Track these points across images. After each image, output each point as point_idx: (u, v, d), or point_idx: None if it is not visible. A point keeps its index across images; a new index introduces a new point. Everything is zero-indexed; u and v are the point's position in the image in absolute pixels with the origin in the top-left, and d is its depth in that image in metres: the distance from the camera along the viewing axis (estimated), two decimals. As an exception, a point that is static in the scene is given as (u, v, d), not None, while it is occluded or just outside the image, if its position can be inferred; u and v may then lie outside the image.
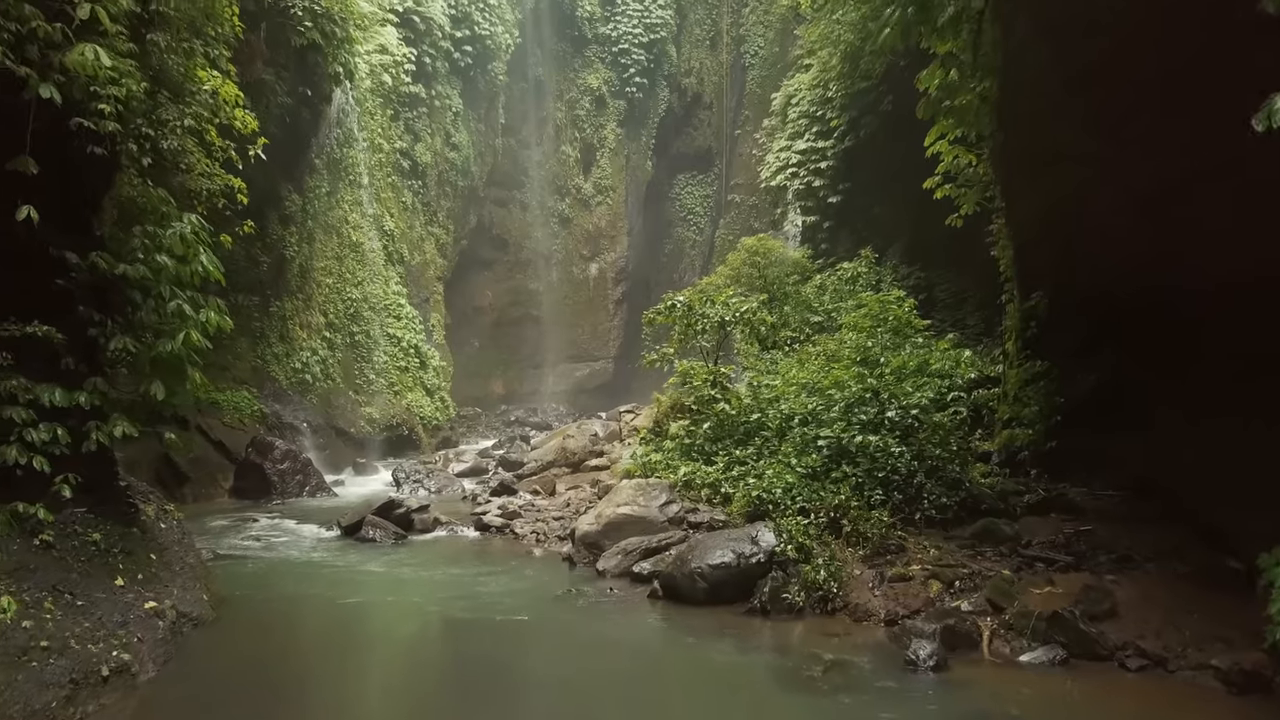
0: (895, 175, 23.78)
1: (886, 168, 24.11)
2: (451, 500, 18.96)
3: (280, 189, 21.47)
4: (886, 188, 24.51)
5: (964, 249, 21.73)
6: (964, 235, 21.89)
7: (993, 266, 21.37)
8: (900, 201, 24.35)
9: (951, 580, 9.11)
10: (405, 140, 29.37)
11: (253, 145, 12.67)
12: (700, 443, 13.81)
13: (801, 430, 12.10)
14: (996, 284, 21.03)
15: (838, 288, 20.35)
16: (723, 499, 12.66)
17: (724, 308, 15.05)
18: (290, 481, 19.52)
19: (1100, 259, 10.86)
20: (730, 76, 45.57)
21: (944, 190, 14.01)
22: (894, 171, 23.79)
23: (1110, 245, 10.46)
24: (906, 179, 23.56)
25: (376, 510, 14.82)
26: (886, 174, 24.25)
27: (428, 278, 30.85)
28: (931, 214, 22.99)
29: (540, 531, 14.19)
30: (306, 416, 22.88)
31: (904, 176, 23.53)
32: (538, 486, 17.66)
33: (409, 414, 26.35)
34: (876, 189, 24.90)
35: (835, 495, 10.51)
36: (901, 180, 23.65)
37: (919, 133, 22.69)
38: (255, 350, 22.01)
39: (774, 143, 28.12)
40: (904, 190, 23.77)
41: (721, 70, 45.49)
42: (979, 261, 21.54)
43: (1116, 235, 10.12)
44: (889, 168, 24.02)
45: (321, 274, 24.53)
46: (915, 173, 23.20)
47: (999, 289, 20.89)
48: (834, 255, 24.40)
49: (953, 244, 22.06)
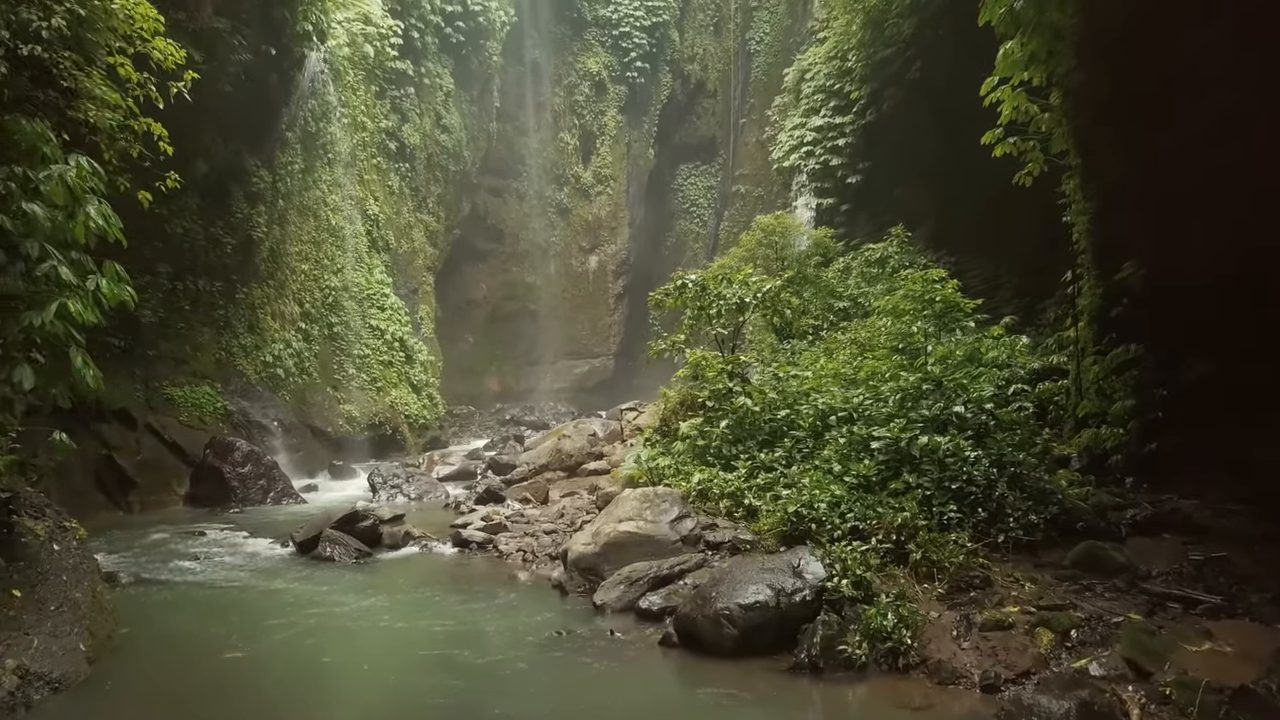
0: (921, 153, 21.39)
1: (911, 144, 21.71)
2: (432, 508, 16.56)
3: (245, 162, 19.06)
4: (911, 167, 22.10)
5: (996, 232, 19.37)
6: (995, 217, 19.55)
7: (1029, 249, 19.05)
8: (925, 181, 21.95)
9: (1066, 629, 6.70)
10: (391, 120, 26.97)
11: (178, 84, 10.21)
12: (717, 444, 11.42)
13: (845, 430, 9.69)
14: (1034, 268, 18.68)
15: (864, 271, 17.95)
16: (746, 513, 10.27)
17: (744, 288, 12.66)
18: (252, 487, 17.12)
19: (1229, 214, 8.47)
20: (735, 63, 43.19)
21: (1006, 146, 11.61)
22: (919, 148, 21.40)
23: (1253, 196, 8.06)
24: (933, 156, 21.23)
25: (337, 523, 12.41)
26: (911, 151, 21.85)
27: (416, 267, 28.44)
28: (960, 195, 20.65)
29: (528, 549, 11.78)
30: (278, 414, 20.47)
31: (931, 154, 21.20)
32: (528, 494, 15.26)
33: (393, 412, 23.94)
34: (899, 168, 22.49)
35: (897, 512, 8.11)
36: (928, 158, 21.32)
37: (949, 102, 20.43)
38: (219, 341, 19.61)
39: (786, 121, 25.72)
40: (930, 169, 21.43)
41: (726, 57, 43.10)
42: (1014, 245, 19.18)
43: (1270, 182, 7.72)
44: (914, 144, 21.62)
45: (296, 259, 22.12)
46: (944, 148, 20.91)
47: (1038, 274, 18.53)
48: (853, 240, 22.01)
49: (984, 227, 19.71)
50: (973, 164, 19.98)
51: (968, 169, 20.07)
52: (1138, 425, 9.79)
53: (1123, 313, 10.38)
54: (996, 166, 18.92)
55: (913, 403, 9.40)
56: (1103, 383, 10.46)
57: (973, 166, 19.88)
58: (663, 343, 13.29)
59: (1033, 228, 18.78)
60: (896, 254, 17.33)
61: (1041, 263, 18.46)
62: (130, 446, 16.68)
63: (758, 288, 12.57)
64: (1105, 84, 9.92)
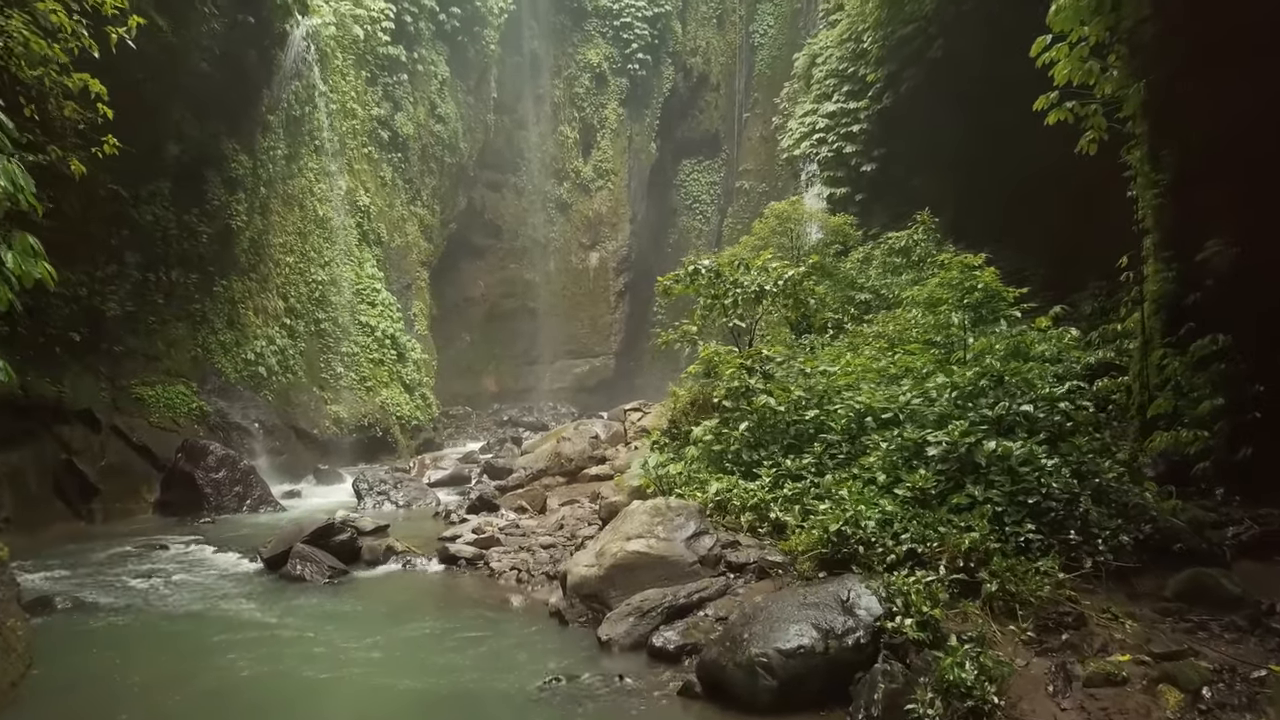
0: (940, 139, 19.97)
1: (930, 130, 20.28)
2: (421, 517, 15.12)
3: (223, 146, 17.61)
4: (929, 153, 20.69)
5: (1020, 222, 17.98)
6: (1019, 206, 18.17)
7: (1057, 239, 17.64)
8: (945, 169, 20.54)
9: (1196, 686, 5.26)
10: (384, 108, 25.52)
11: (119, 29, 8.72)
12: (736, 449, 9.97)
13: (890, 434, 8.25)
14: (1063, 260, 17.29)
15: (886, 261, 16.49)
16: (772, 528, 8.84)
17: (763, 275, 11.21)
18: (227, 493, 15.67)
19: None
20: (738, 56, 41.79)
21: (1060, 112, 10.18)
22: (939, 134, 19.97)
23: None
24: (953, 142, 19.82)
25: (309, 536, 10.95)
26: (930, 137, 20.43)
27: (410, 262, 26.98)
28: (983, 183, 19.20)
29: (523, 567, 10.33)
30: (259, 415, 19.01)
31: (951, 140, 19.78)
32: (524, 502, 13.81)
33: (383, 413, 22.47)
34: (917, 155, 21.07)
35: (963, 532, 6.66)
36: (948, 144, 19.90)
37: (973, 82, 19.00)
38: (195, 337, 18.14)
39: (796, 108, 24.28)
40: (950, 156, 20.01)
41: (729, 50, 41.71)
42: (1039, 235, 17.80)
43: None
44: (933, 130, 20.19)
45: (280, 251, 20.67)
46: (966, 133, 19.48)
47: (1066, 265, 17.14)
48: (869, 231, 20.59)
49: (1008, 216, 18.33)
50: (996, 150, 18.67)
51: (990, 155, 18.69)
52: (1228, 427, 8.36)
53: (1203, 299, 8.94)
54: (1021, 152, 17.58)
55: (969, 401, 7.95)
56: (1180, 379, 9.02)
57: (996, 152, 18.54)
58: (672, 333, 11.84)
59: (1061, 216, 17.41)
60: (921, 242, 15.86)
61: (1070, 253, 17.09)
62: (94, 450, 15.21)
63: (778, 275, 11.13)
64: (1186, 33, 8.51)
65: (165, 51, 14.43)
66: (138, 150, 15.17)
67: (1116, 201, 15.20)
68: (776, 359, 10.75)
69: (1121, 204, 15.00)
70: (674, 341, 11.81)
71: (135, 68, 14.00)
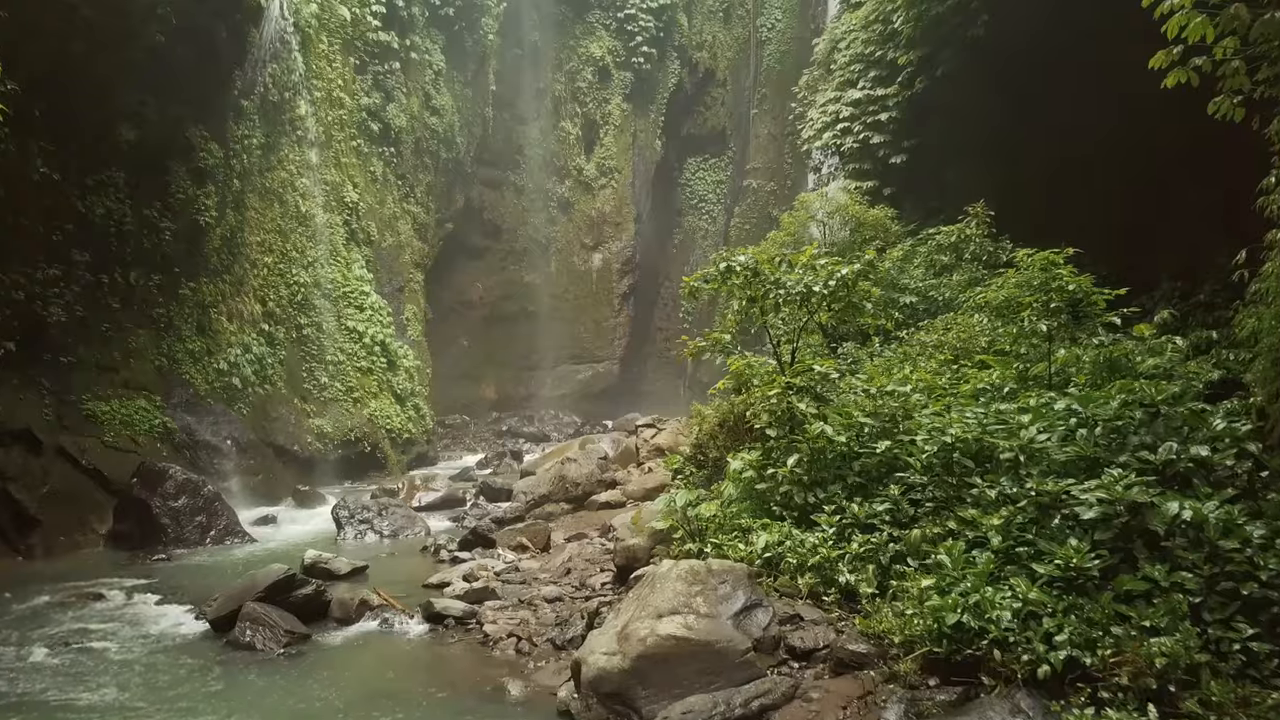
0: (978, 127, 17.93)
1: (968, 117, 18.23)
2: (407, 551, 13.08)
3: (189, 132, 15.56)
4: (967, 143, 18.63)
5: (1072, 216, 15.91)
6: (1071, 199, 16.16)
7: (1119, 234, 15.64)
8: (984, 159, 18.48)
9: None
10: (374, 98, 23.45)
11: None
12: (786, 488, 7.93)
13: (998, 478, 6.20)
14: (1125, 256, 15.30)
15: (932, 259, 14.46)
16: (841, 594, 6.82)
17: (813, 274, 9.15)
18: (188, 524, 13.62)
19: None
20: (746, 51, 39.77)
21: (1181, 74, 8.18)
22: (977, 122, 17.93)
23: None
24: (993, 130, 17.79)
25: (264, 591, 8.89)
26: (967, 125, 18.36)
27: (402, 263, 24.91)
28: (1027, 173, 17.19)
29: (523, 632, 8.29)
30: (232, 432, 16.94)
31: (990, 127, 17.75)
32: (524, 538, 11.73)
33: (371, 426, 20.41)
34: (952, 145, 18.99)
35: (1146, 635, 4.62)
36: (987, 133, 17.87)
37: (1017, 63, 17.00)
38: (159, 346, 16.08)
39: (817, 96, 22.26)
40: (990, 144, 17.95)
41: (736, 45, 39.68)
42: (1096, 230, 15.71)
43: None
44: (971, 117, 18.14)
45: (258, 250, 18.60)
46: (1006, 120, 17.49)
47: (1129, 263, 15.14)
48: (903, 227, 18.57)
49: (1055, 211, 16.29)
50: (1043, 136, 16.65)
51: (1036, 142, 16.66)
52: None
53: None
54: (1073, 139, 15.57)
55: (1117, 438, 5.91)
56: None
57: (1043, 139, 16.53)
58: (702, 342, 9.78)
59: (1123, 209, 15.40)
60: (975, 237, 13.81)
61: (1136, 250, 15.10)
62: (33, 475, 13.16)
63: (829, 273, 9.10)
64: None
65: (112, 18, 12.39)
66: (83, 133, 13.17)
67: (1198, 188, 13.16)
68: (832, 375, 8.69)
69: (1205, 191, 12.95)
70: (704, 352, 9.77)
71: (75, 36, 11.97)
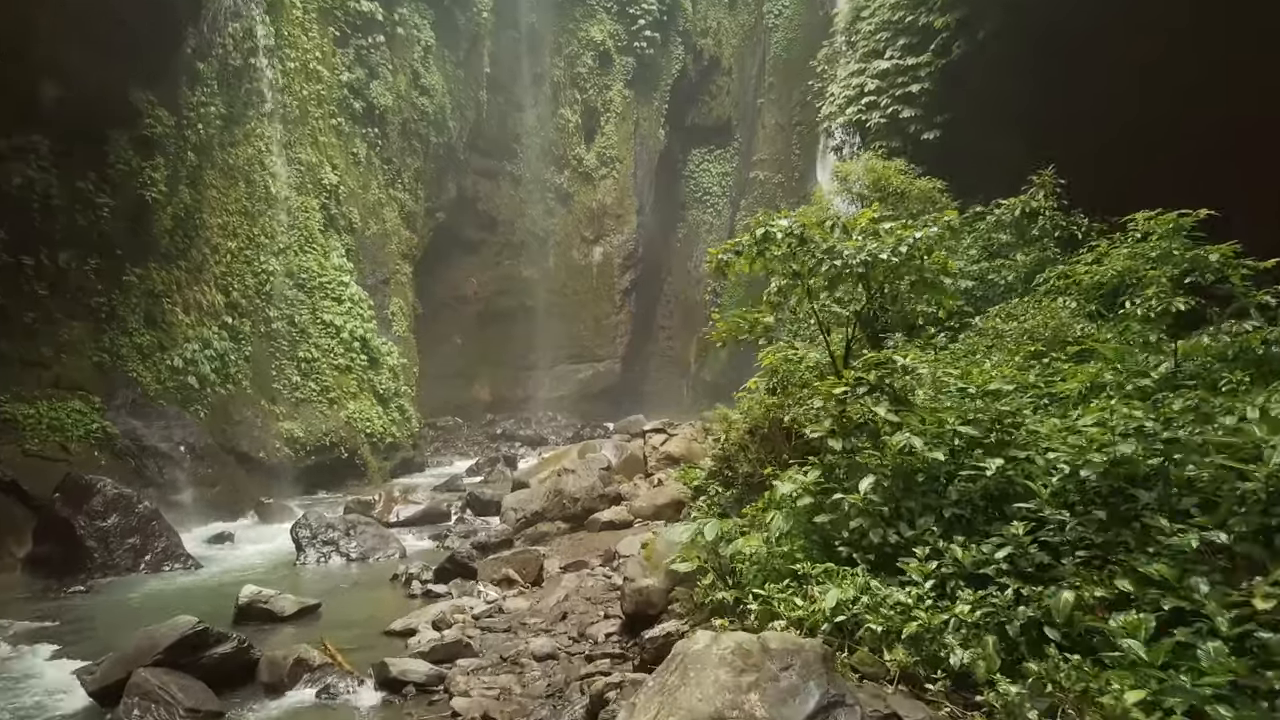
0: (1024, 96, 15.77)
1: (1011, 86, 16.06)
2: (374, 581, 10.89)
3: (132, 95, 13.37)
4: (1009, 114, 16.45)
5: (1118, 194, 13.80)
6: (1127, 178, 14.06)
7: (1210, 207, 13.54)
8: (1024, 135, 16.34)
9: None
10: (356, 73, 21.28)
11: None
12: (858, 521, 5.74)
13: (1203, 521, 4.03)
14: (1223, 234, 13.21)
15: (990, 237, 12.28)
16: (950, 678, 4.65)
17: (880, 240, 6.96)
18: (118, 547, 11.42)
19: None
20: (752, 39, 37.62)
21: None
22: (1022, 91, 15.78)
23: None
24: (1044, 99, 15.66)
25: (165, 651, 6.70)
26: (1010, 95, 16.20)
27: (388, 253, 22.71)
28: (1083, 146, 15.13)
29: (504, 708, 6.09)
30: (186, 437, 14.74)
31: (1040, 96, 15.60)
32: (512, 570, 9.48)
33: (349, 430, 18.20)
34: (992, 117, 16.80)
35: None
36: (1036, 102, 15.71)
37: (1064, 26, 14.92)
38: (99, 340, 13.88)
39: (838, 69, 20.10)
40: (1037, 117, 15.84)
41: (742, 32, 37.53)
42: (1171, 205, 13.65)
43: None
44: (1016, 85, 15.98)
45: (219, 234, 16.41)
46: (1058, 85, 15.43)
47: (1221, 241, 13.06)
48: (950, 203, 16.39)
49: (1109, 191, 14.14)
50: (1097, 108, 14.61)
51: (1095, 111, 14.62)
52: None
53: None
54: (1143, 105, 13.47)
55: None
56: None
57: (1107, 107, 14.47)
58: (737, 320, 7.56)
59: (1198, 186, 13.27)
60: (1044, 209, 11.59)
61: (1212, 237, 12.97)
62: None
63: (898, 239, 6.93)
64: None
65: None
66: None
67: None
68: (920, 369, 6.49)
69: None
70: (739, 337, 7.56)
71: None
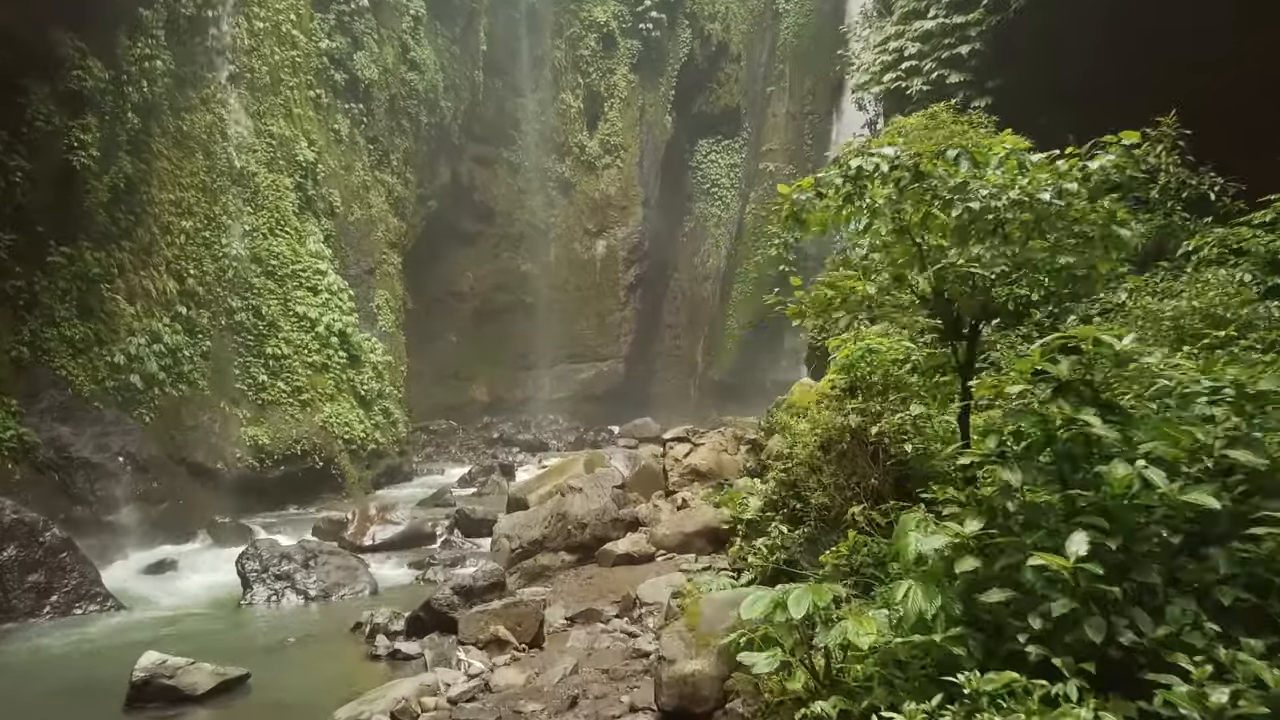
0: (1089, 56, 13.51)
1: (1073, 49, 13.78)
2: (329, 633, 8.55)
3: (53, 39, 11.04)
4: (1071, 78, 14.10)
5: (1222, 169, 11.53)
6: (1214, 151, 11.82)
7: None
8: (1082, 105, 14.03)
9: None
10: (337, 41, 18.98)
11: None
12: (1061, 603, 3.40)
13: None
14: None
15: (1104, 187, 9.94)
16: None
17: (1035, 174, 4.66)
18: (17, 586, 9.13)
19: None
20: (762, 24, 35.34)
21: None
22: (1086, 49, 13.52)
23: None
24: (1116, 59, 13.44)
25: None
26: (1072, 55, 13.90)
27: (373, 240, 20.39)
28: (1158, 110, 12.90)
29: None
30: (127, 445, 12.40)
31: (1111, 56, 13.35)
32: (503, 628, 7.08)
33: (325, 436, 15.85)
34: (1047, 88, 14.48)
35: None
36: (1105, 63, 13.44)
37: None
38: (18, 331, 11.54)
39: (871, 34, 17.85)
40: (1104, 82, 13.56)
41: (751, 17, 35.22)
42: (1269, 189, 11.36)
43: None
44: (1079, 49, 13.70)
45: (171, 212, 14.07)
46: (1127, 43, 13.21)
47: None
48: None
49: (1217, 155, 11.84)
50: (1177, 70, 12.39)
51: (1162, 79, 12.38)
52: None
53: None
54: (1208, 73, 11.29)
55: None
56: None
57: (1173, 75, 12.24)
58: (824, 288, 5.18)
59: None
60: (1171, 165, 9.25)
61: None
62: None
63: (1059, 174, 4.64)
64: None
65: None
66: None
67: None
68: (1146, 359, 4.18)
69: None
70: (824, 312, 5.22)
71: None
